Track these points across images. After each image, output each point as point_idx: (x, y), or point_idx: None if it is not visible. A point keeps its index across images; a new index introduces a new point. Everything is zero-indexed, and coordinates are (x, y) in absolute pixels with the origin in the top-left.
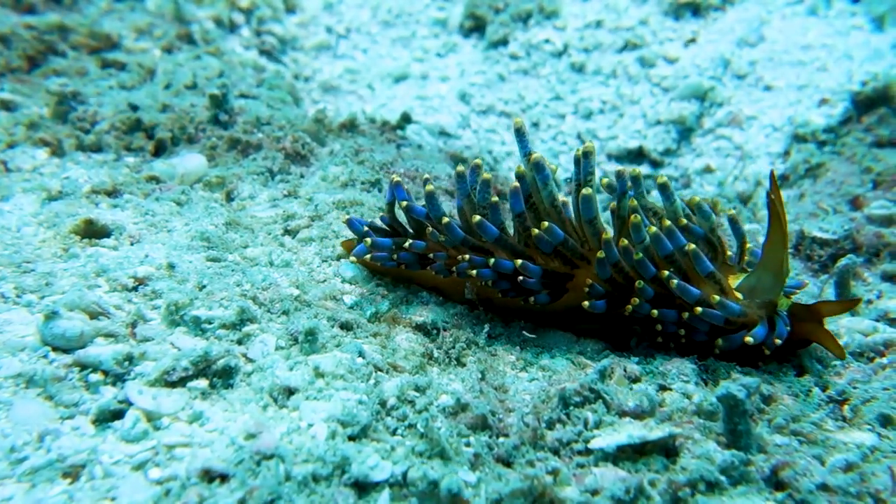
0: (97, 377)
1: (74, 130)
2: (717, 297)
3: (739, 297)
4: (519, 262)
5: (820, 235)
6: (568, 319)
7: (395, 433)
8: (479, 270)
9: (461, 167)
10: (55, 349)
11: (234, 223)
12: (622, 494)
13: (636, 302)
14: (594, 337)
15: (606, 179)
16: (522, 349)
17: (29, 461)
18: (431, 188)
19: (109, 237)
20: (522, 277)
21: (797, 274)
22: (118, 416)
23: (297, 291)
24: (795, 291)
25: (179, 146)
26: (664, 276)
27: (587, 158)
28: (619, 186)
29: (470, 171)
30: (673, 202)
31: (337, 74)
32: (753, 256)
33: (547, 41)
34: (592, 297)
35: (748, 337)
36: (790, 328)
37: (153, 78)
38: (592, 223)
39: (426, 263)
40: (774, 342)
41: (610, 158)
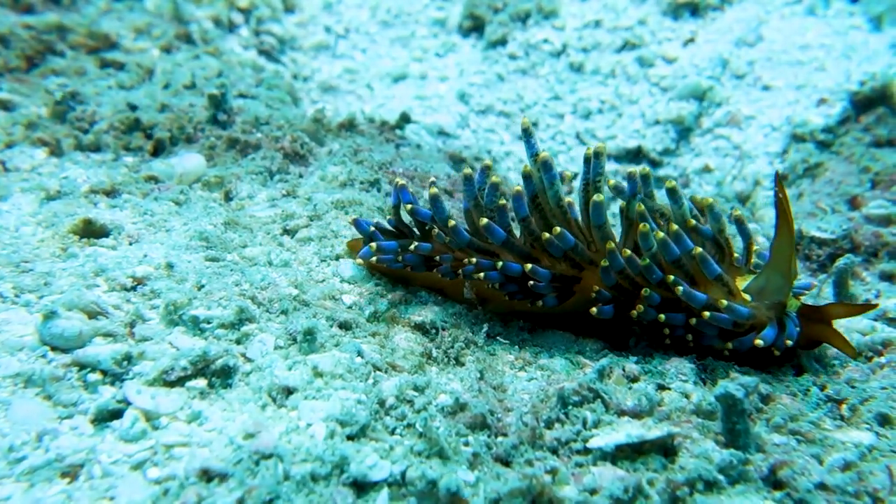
0: (96, 377)
1: (73, 130)
2: (724, 301)
3: (748, 298)
4: (528, 266)
5: (818, 235)
6: (569, 319)
7: (393, 433)
8: (486, 273)
9: (468, 170)
10: (54, 349)
11: (232, 223)
12: (621, 493)
13: (640, 309)
14: (593, 336)
15: (613, 181)
16: (521, 348)
17: (27, 461)
18: (435, 191)
19: (108, 237)
20: (532, 282)
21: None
22: (117, 415)
23: (295, 291)
24: (804, 292)
25: (178, 146)
26: (670, 280)
27: (598, 159)
28: (629, 188)
29: (479, 172)
30: (681, 206)
31: (336, 74)
32: (760, 258)
33: (546, 41)
34: (600, 301)
35: (758, 339)
36: (800, 329)
37: (152, 78)
38: (601, 228)
39: (432, 266)
40: (785, 343)
41: (609, 158)
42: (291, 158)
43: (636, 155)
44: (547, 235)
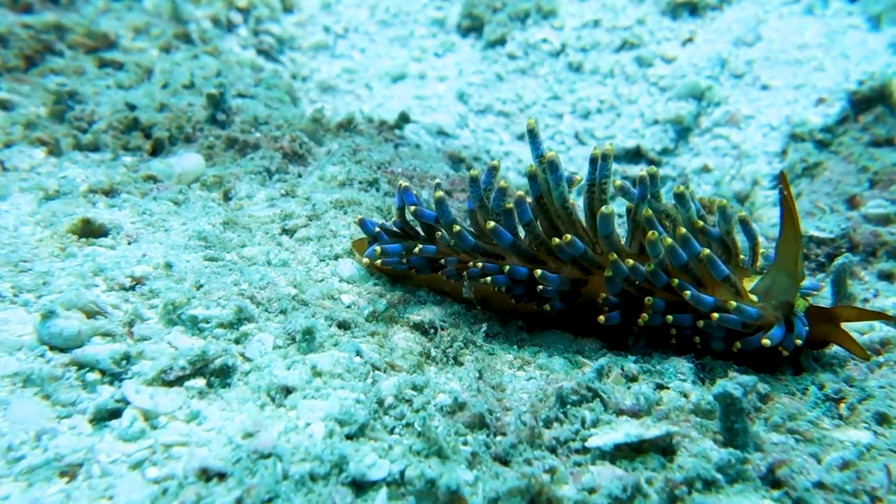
0: (94, 376)
1: (72, 130)
2: (733, 303)
3: (755, 299)
4: (539, 272)
5: (817, 234)
6: (568, 319)
7: (392, 432)
8: (493, 277)
9: (475, 171)
10: (52, 348)
11: (231, 222)
12: (619, 493)
13: (646, 318)
14: (592, 335)
15: (620, 182)
16: (520, 348)
17: (26, 460)
18: (441, 194)
19: (107, 236)
20: (542, 287)
21: None
22: (115, 415)
23: (294, 291)
24: (813, 293)
25: (177, 145)
26: (675, 283)
27: (605, 161)
28: (638, 193)
29: (485, 173)
30: (688, 209)
31: (335, 74)
32: (766, 260)
33: (544, 41)
34: (607, 307)
35: (765, 339)
36: (809, 328)
37: (150, 77)
38: (608, 238)
39: (437, 267)
40: (795, 342)
41: None
42: (290, 158)
43: (635, 155)
44: (557, 241)
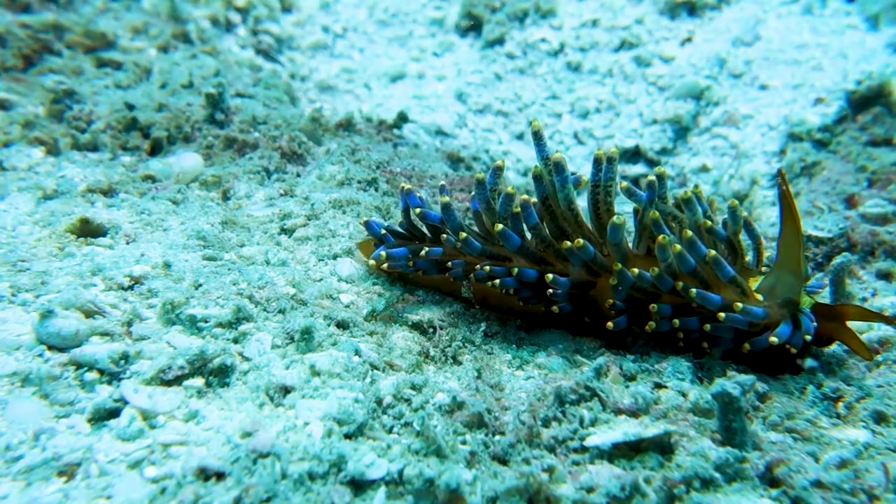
0: (93, 376)
1: (70, 129)
2: (740, 303)
3: (760, 298)
4: (550, 276)
5: (815, 234)
6: (566, 318)
7: (391, 431)
8: (502, 280)
9: (481, 174)
10: (50, 348)
11: (230, 222)
12: (618, 491)
13: (652, 326)
14: (590, 335)
15: (626, 184)
16: (519, 347)
17: (24, 460)
18: (447, 199)
19: (105, 236)
20: (551, 291)
21: None
22: (114, 414)
23: (293, 290)
24: (818, 291)
25: (175, 145)
26: (679, 286)
27: (610, 164)
28: (646, 197)
29: (490, 174)
30: (695, 212)
31: (333, 74)
32: (770, 261)
33: (543, 40)
34: (613, 311)
35: (772, 337)
36: (817, 325)
37: (149, 77)
38: (618, 246)
39: (444, 269)
40: (804, 338)
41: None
42: (289, 158)
43: (634, 154)
44: (569, 244)
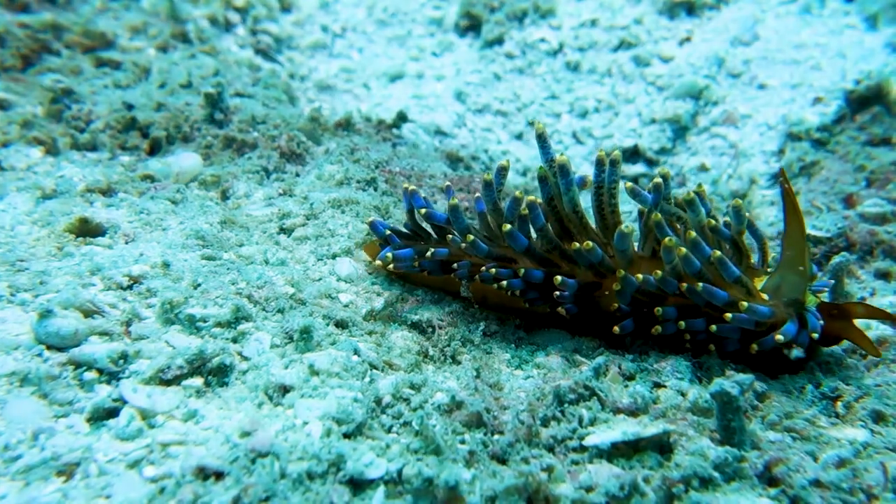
0: (92, 375)
1: (69, 129)
2: (745, 303)
3: (766, 298)
4: (559, 278)
5: (814, 233)
6: (576, 320)
7: (390, 431)
8: (509, 281)
9: (488, 175)
10: (49, 347)
11: (229, 222)
12: (617, 491)
13: (658, 330)
14: (589, 334)
15: (630, 185)
16: (517, 347)
17: (23, 459)
18: (455, 202)
19: (104, 236)
20: (559, 292)
21: None
22: (113, 414)
23: (292, 290)
24: (824, 290)
25: (174, 145)
26: (683, 287)
27: (613, 167)
28: (652, 199)
29: (495, 174)
30: (698, 213)
31: (333, 73)
32: (774, 262)
33: (542, 40)
34: (618, 314)
35: (778, 335)
36: (823, 323)
37: (148, 77)
38: (624, 252)
39: (449, 270)
40: (810, 336)
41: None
42: (288, 157)
43: (633, 154)
44: (577, 246)
